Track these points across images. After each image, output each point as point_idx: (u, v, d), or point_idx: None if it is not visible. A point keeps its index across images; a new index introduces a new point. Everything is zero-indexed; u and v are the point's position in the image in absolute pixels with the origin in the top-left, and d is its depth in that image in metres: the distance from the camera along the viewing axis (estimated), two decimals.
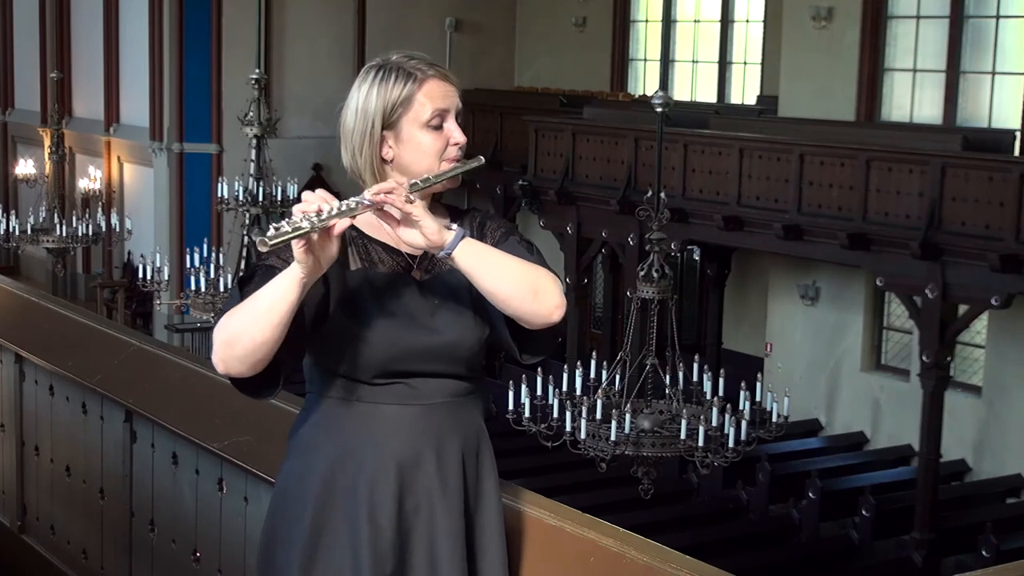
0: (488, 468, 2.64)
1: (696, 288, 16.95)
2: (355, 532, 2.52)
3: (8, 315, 5.30)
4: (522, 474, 11.70)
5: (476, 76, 20.02)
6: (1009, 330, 12.87)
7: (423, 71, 2.55)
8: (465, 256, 2.41)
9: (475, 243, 2.45)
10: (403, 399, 2.53)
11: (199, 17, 18.26)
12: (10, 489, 5.09)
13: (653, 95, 9.43)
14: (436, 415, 2.55)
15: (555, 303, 2.46)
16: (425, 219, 2.38)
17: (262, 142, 12.29)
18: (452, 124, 2.58)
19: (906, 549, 11.56)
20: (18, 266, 22.40)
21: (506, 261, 2.46)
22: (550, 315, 2.46)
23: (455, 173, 2.55)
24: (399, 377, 2.52)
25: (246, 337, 2.37)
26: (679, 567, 2.58)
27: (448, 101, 2.57)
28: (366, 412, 2.53)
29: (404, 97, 2.52)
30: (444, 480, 2.55)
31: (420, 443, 2.54)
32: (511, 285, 2.43)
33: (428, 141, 2.55)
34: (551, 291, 2.46)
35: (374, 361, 2.51)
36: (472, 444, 2.61)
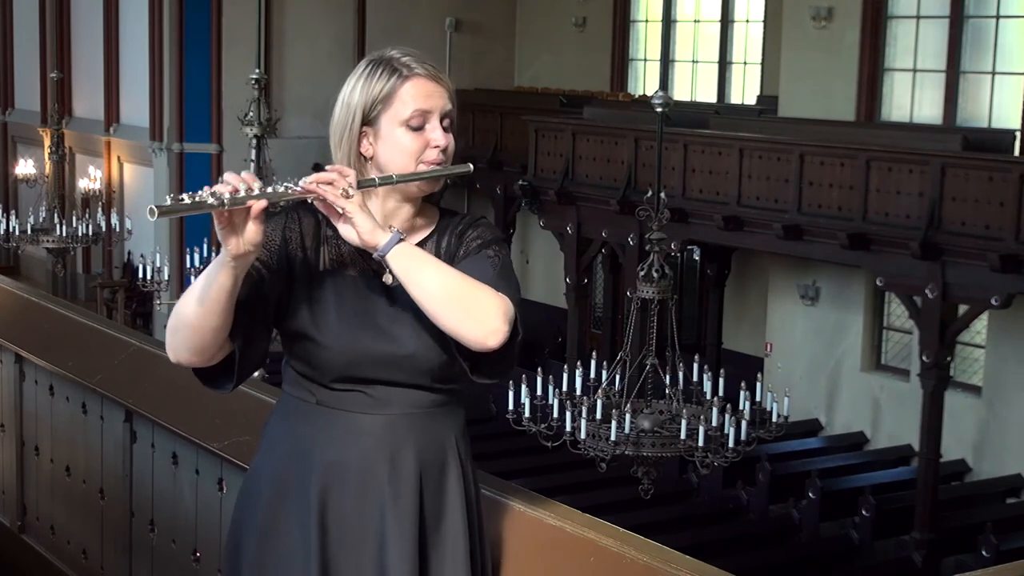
0: (454, 485, 2.52)
1: (696, 288, 16.95)
2: (304, 536, 2.48)
3: (8, 315, 5.29)
4: (522, 474, 11.70)
5: (476, 76, 20.04)
6: (1009, 330, 12.87)
7: (410, 68, 2.46)
8: (398, 261, 2.32)
9: (413, 250, 2.35)
10: (362, 407, 2.46)
11: (199, 17, 18.27)
12: (10, 489, 5.09)
13: (653, 95, 9.43)
14: (395, 426, 2.47)
15: (490, 328, 2.31)
16: (359, 216, 2.31)
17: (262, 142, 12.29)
18: (435, 126, 2.47)
19: (906, 549, 11.56)
20: (18, 266, 22.40)
21: (443, 274, 2.35)
22: (484, 340, 2.32)
23: (421, 177, 2.45)
24: (358, 384, 2.45)
25: (184, 323, 2.35)
26: (679, 567, 2.58)
27: (431, 102, 2.46)
28: (324, 416, 2.49)
29: (386, 93, 2.44)
30: (396, 493, 2.46)
31: (374, 453, 2.46)
32: (442, 300, 2.32)
33: (405, 141, 2.45)
34: (489, 315, 2.32)
35: (332, 365, 2.45)
36: (434, 458, 2.50)
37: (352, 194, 2.30)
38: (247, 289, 2.37)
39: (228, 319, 2.35)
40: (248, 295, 2.38)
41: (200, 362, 2.42)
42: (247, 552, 2.57)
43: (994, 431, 13.05)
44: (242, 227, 2.24)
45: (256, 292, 2.40)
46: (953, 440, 12.75)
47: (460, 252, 2.49)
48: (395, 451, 2.47)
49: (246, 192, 2.22)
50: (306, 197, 2.32)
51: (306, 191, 2.30)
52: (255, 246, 2.27)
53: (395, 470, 2.47)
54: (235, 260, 2.27)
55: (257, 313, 2.41)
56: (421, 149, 2.46)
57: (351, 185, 2.31)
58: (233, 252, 2.25)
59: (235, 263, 2.27)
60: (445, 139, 2.48)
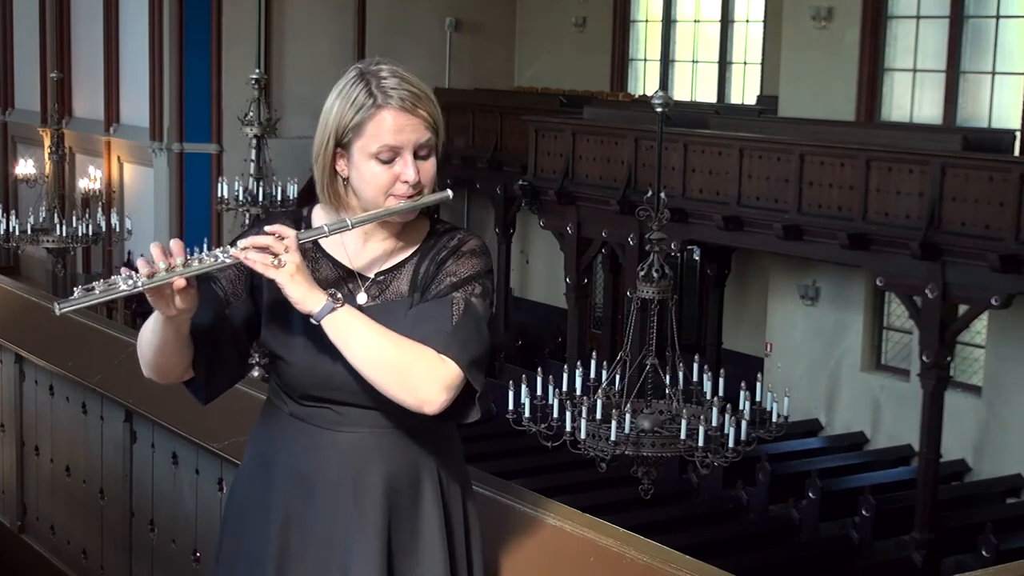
0: (429, 509, 2.47)
1: (696, 288, 16.95)
2: (263, 546, 2.48)
3: (8, 315, 5.29)
4: (522, 474, 11.70)
5: (476, 76, 20.04)
6: (1009, 330, 12.87)
7: (386, 96, 2.34)
8: (331, 329, 2.28)
9: (347, 318, 2.29)
10: (329, 423, 2.44)
11: (199, 17, 18.27)
12: (10, 489, 5.09)
13: (653, 95, 9.43)
14: (362, 444, 2.43)
15: (423, 399, 2.28)
16: (289, 288, 2.26)
17: (262, 142, 12.31)
18: (406, 160, 2.36)
19: (906, 549, 11.56)
20: (18, 266, 22.39)
21: (378, 343, 2.29)
22: (420, 408, 2.29)
23: (380, 217, 2.37)
24: (325, 402, 2.43)
25: (142, 353, 2.41)
26: (679, 567, 2.58)
27: (402, 138, 2.35)
28: (295, 427, 2.48)
29: (356, 123, 2.35)
30: (362, 511, 2.43)
31: (340, 470, 2.43)
32: (375, 370, 2.29)
33: (372, 174, 2.36)
34: (423, 387, 2.28)
35: (298, 384, 2.45)
36: (405, 480, 2.45)
37: (284, 262, 2.24)
38: (210, 313, 2.38)
39: (182, 356, 2.38)
40: (211, 320, 2.39)
41: (168, 383, 2.46)
42: (223, 549, 2.60)
43: (994, 431, 13.05)
44: (171, 298, 2.24)
45: (219, 317, 2.41)
46: (953, 440, 12.75)
47: (432, 288, 2.40)
48: (360, 469, 2.43)
49: (166, 269, 2.21)
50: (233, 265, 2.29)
51: (235, 258, 2.26)
52: (189, 311, 2.27)
53: (360, 488, 2.43)
54: (173, 321, 2.29)
55: (219, 341, 2.42)
56: (390, 183, 2.37)
57: (287, 249, 2.25)
58: (165, 314, 2.27)
59: (176, 321, 2.29)
60: (416, 173, 2.36)
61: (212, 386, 2.48)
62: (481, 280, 2.42)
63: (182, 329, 2.33)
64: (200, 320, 2.37)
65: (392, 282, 2.44)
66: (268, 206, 12.31)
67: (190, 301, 2.26)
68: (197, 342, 2.39)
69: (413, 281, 2.43)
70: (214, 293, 2.41)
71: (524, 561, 2.78)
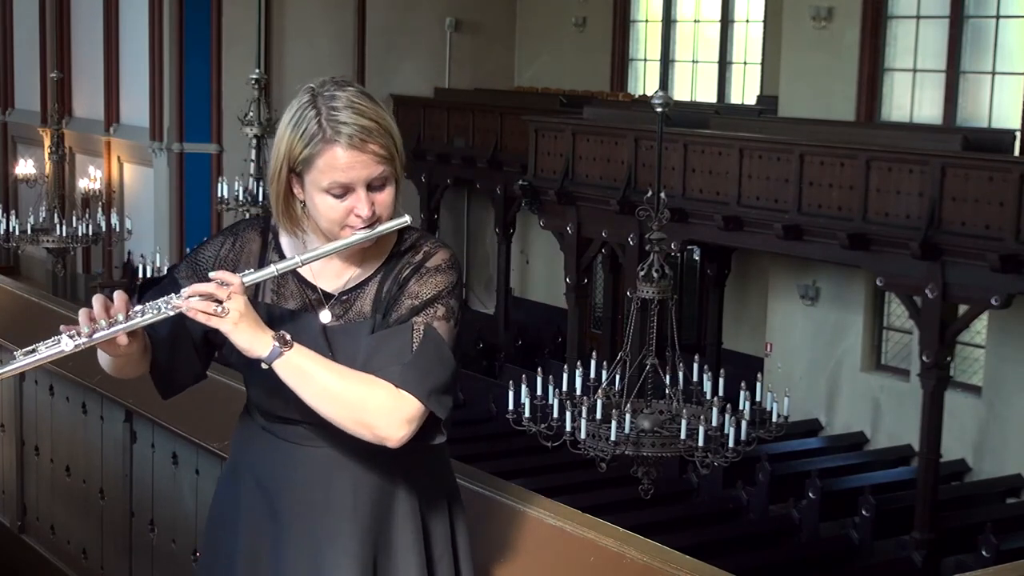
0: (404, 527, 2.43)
1: (696, 288, 16.95)
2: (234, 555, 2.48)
3: (8, 315, 5.30)
4: (522, 474, 11.70)
5: (476, 76, 20.03)
6: (1009, 330, 12.87)
7: (336, 131, 2.26)
8: (283, 374, 2.25)
9: (297, 359, 2.25)
10: (299, 439, 2.42)
11: (199, 17, 18.26)
12: (10, 489, 5.09)
13: (653, 95, 9.43)
14: (331, 461, 2.40)
15: (384, 435, 2.25)
16: (235, 335, 2.22)
17: (262, 142, 12.30)
18: (359, 195, 2.29)
19: (906, 549, 11.56)
20: (18, 266, 22.38)
21: (327, 383, 2.25)
22: (380, 443, 2.27)
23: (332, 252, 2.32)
24: (290, 422, 2.41)
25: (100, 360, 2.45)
26: (679, 567, 2.58)
27: (351, 175, 2.27)
28: (267, 441, 2.46)
29: (305, 157, 2.29)
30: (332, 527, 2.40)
31: (310, 485, 2.41)
32: (328, 408, 2.26)
33: (326, 207, 2.31)
34: (381, 423, 2.25)
35: (261, 403, 2.45)
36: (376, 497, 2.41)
37: (227, 309, 2.21)
38: (168, 327, 2.37)
39: (137, 368, 2.44)
40: (168, 332, 2.40)
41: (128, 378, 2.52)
42: (203, 552, 2.64)
43: (994, 431, 13.05)
44: (116, 347, 2.29)
45: (177, 329, 2.40)
46: (953, 440, 12.75)
47: (393, 311, 2.35)
48: (330, 484, 2.40)
49: (106, 324, 2.23)
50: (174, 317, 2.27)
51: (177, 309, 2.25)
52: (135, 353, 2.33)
53: (329, 504, 2.40)
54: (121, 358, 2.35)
55: (176, 351, 2.44)
56: (344, 216, 2.31)
57: (232, 294, 2.22)
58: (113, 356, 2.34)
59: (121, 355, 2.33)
60: (369, 207, 2.29)
61: (169, 387, 2.51)
62: (444, 300, 2.35)
63: (133, 356, 2.37)
64: (157, 330, 2.38)
65: (356, 301, 2.40)
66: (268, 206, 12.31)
67: (136, 345, 2.31)
68: (155, 349, 2.42)
69: (376, 300, 2.39)
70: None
71: (524, 561, 2.78)
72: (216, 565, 2.54)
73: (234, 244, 2.49)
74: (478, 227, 19.76)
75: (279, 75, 18.05)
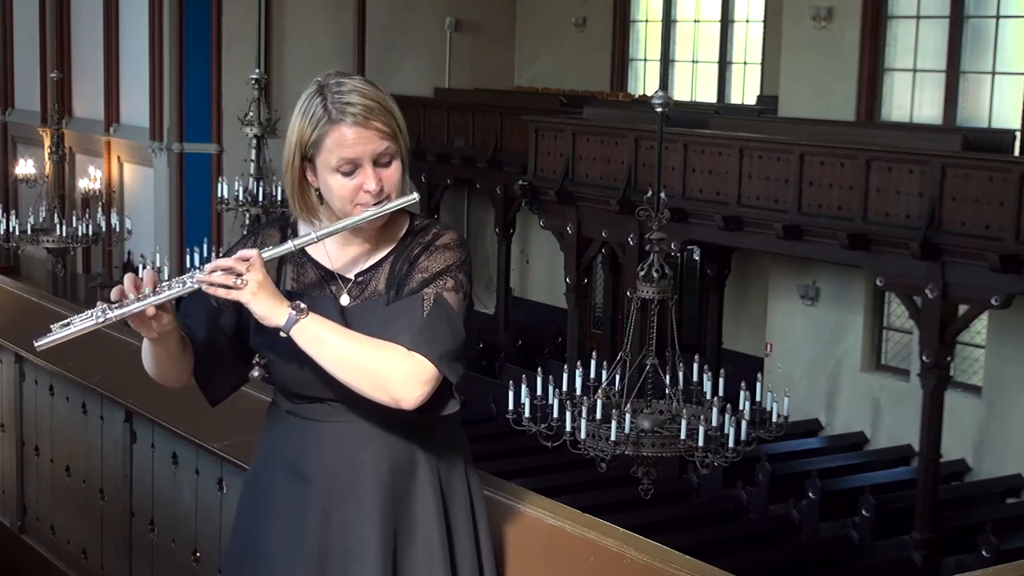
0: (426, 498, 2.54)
1: (696, 288, 16.95)
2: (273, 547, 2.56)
3: (8, 315, 5.29)
4: (522, 474, 11.70)
5: (476, 76, 20.03)
6: (1009, 330, 12.87)
7: (341, 112, 2.44)
8: (301, 341, 2.39)
9: (313, 327, 2.38)
10: (324, 416, 2.53)
11: (199, 17, 18.26)
12: (10, 489, 5.09)
13: (653, 95, 9.42)
14: (356, 433, 2.51)
15: (397, 396, 2.38)
16: (254, 305, 2.37)
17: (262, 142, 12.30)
18: (367, 171, 2.45)
19: (906, 549, 11.56)
20: (18, 266, 22.38)
21: (344, 348, 2.39)
22: (396, 405, 2.39)
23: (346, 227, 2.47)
24: (315, 400, 2.53)
25: (145, 365, 2.58)
26: (679, 567, 2.58)
27: (358, 150, 2.44)
28: (293, 424, 2.58)
29: (314, 140, 2.46)
30: (359, 498, 2.50)
31: (337, 459, 2.52)
32: (344, 373, 2.39)
33: (337, 185, 2.47)
34: (396, 384, 2.37)
35: (286, 383, 2.56)
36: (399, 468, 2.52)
37: (246, 281, 2.35)
38: (204, 323, 2.56)
39: (181, 367, 2.56)
40: (206, 330, 2.57)
41: (176, 388, 2.64)
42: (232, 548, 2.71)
43: (994, 431, 13.05)
44: (148, 323, 2.41)
45: (213, 326, 2.58)
46: (953, 440, 12.75)
47: (405, 285, 2.49)
48: (355, 459, 2.52)
49: (135, 299, 2.36)
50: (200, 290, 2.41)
51: (200, 283, 2.39)
52: (170, 333, 2.45)
53: (355, 476, 2.51)
54: (155, 343, 2.47)
55: (214, 348, 2.58)
56: (354, 193, 2.47)
57: (251, 267, 2.36)
58: (147, 337, 2.46)
59: (158, 342, 2.47)
60: (377, 182, 2.46)
61: (213, 392, 2.64)
62: (453, 274, 2.49)
63: (172, 347, 2.49)
64: (196, 331, 2.55)
65: (371, 282, 2.54)
66: (268, 206, 12.31)
67: (167, 324, 2.42)
68: (196, 352, 2.56)
69: (389, 278, 2.52)
70: (208, 304, 2.54)
71: (524, 561, 2.78)
72: (249, 552, 2.62)
73: (255, 241, 2.62)
74: (478, 227, 19.75)
75: (279, 75, 18.05)
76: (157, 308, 2.38)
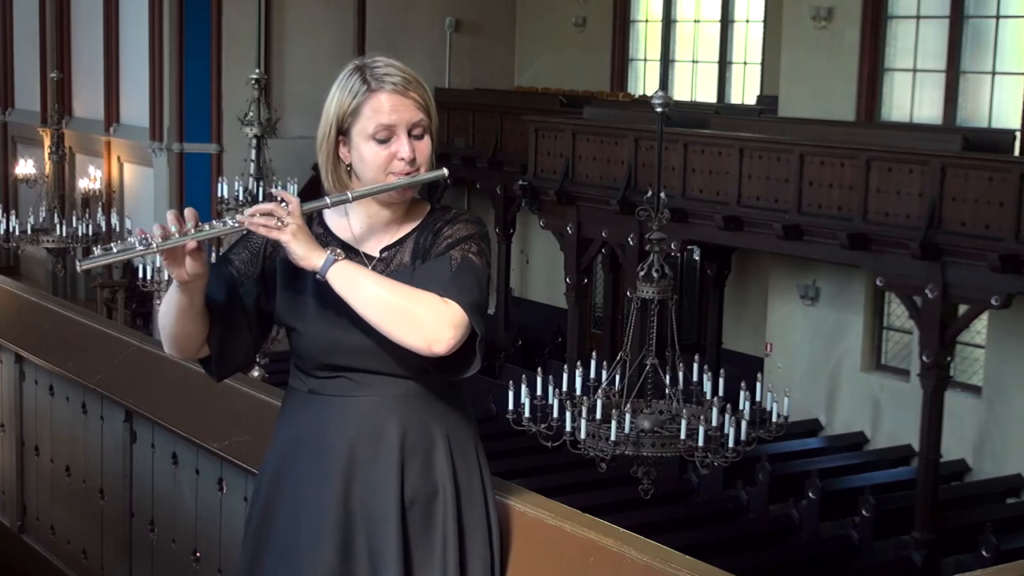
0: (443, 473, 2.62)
1: (696, 288, 16.95)
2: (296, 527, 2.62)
3: (8, 315, 5.29)
4: (522, 474, 11.70)
5: (476, 76, 20.03)
6: (1009, 330, 12.86)
7: (380, 81, 2.56)
8: (336, 281, 2.46)
9: (349, 269, 2.47)
10: (346, 391, 2.60)
11: (199, 17, 18.26)
12: (10, 489, 5.09)
13: (653, 95, 9.42)
14: (377, 407, 2.59)
15: (431, 337, 2.43)
16: (292, 245, 2.44)
17: (262, 142, 12.29)
18: (402, 139, 2.56)
19: (906, 549, 11.55)
20: (18, 266, 22.39)
21: (380, 289, 2.47)
22: (428, 348, 2.44)
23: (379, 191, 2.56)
24: (340, 371, 2.60)
25: (162, 328, 2.61)
26: (679, 567, 2.58)
27: (395, 116, 2.55)
28: (315, 402, 2.64)
29: (353, 108, 2.56)
30: (380, 471, 2.58)
31: (359, 433, 2.59)
32: (380, 314, 2.45)
33: (370, 154, 2.56)
34: (430, 325, 2.43)
35: (311, 353, 2.62)
36: (418, 442, 2.61)
37: (287, 223, 2.43)
38: (224, 292, 2.60)
39: (197, 327, 2.58)
40: (225, 298, 2.60)
41: (186, 358, 2.66)
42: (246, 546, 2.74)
43: (994, 431, 13.04)
44: (183, 261, 2.45)
45: (232, 295, 2.62)
46: (953, 440, 12.75)
47: (431, 252, 2.59)
48: (377, 431, 2.59)
49: (179, 232, 2.42)
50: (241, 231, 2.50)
51: (242, 224, 2.47)
52: (199, 276, 2.48)
53: (377, 449, 2.59)
54: (184, 286, 2.48)
55: (232, 317, 2.62)
56: (388, 161, 2.56)
57: (290, 213, 2.44)
58: (179, 280, 2.47)
59: (185, 287, 2.50)
60: (411, 151, 2.56)
61: (224, 361, 2.65)
62: (477, 241, 2.59)
63: (196, 299, 2.52)
64: (215, 296, 2.59)
65: (396, 256, 2.63)
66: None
67: (201, 266, 2.47)
68: (212, 317, 2.59)
69: (414, 252, 2.62)
70: (229, 274, 2.63)
71: (524, 561, 2.78)
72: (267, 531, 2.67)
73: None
74: None
75: (279, 75, 18.06)
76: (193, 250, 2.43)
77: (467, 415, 2.72)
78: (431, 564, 2.60)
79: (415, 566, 2.59)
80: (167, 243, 2.41)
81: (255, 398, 3.70)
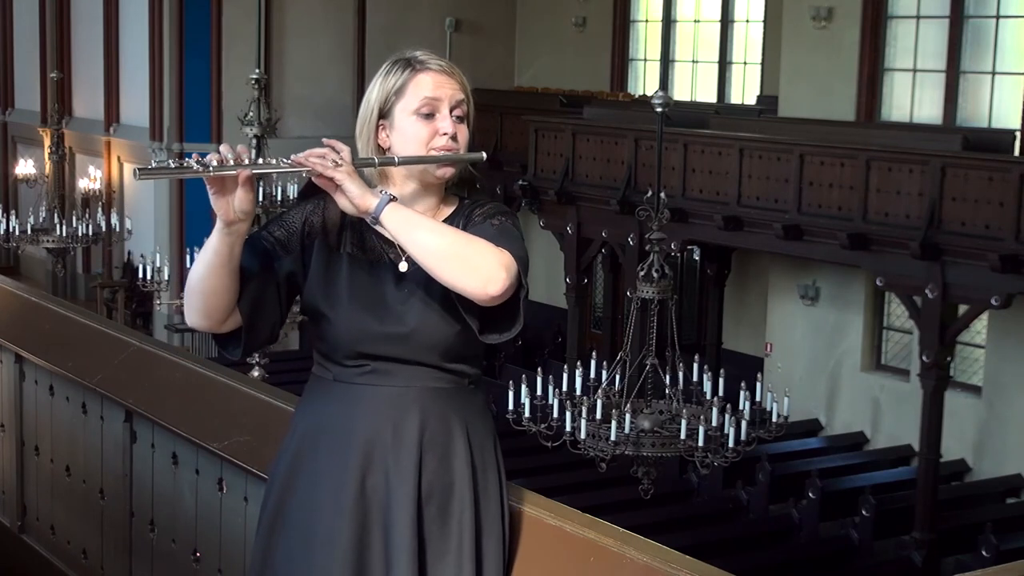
0: (461, 467, 2.63)
1: (696, 288, 16.95)
2: (312, 513, 2.63)
3: (8, 315, 5.29)
4: (522, 474, 11.69)
5: (476, 76, 19.89)
6: (1009, 330, 12.87)
7: (424, 63, 2.62)
8: (391, 221, 2.45)
9: (404, 210, 2.47)
10: (371, 380, 2.61)
11: (199, 17, 18.26)
12: (10, 489, 5.09)
13: (653, 95, 9.42)
14: (400, 397, 2.60)
15: (487, 276, 2.42)
16: (348, 183, 2.43)
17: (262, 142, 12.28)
18: (444, 115, 2.61)
19: (906, 549, 11.56)
20: (18, 266, 22.39)
21: (435, 230, 2.48)
22: (484, 288, 2.43)
23: (425, 160, 2.58)
24: (367, 359, 2.60)
25: (192, 287, 2.55)
26: (679, 567, 2.58)
27: (440, 92, 2.61)
28: (340, 390, 2.64)
29: (399, 85, 2.60)
30: (398, 460, 2.59)
31: (381, 421, 2.60)
32: (437, 254, 2.44)
33: (414, 129, 2.59)
34: (485, 264, 2.43)
35: (341, 340, 2.61)
36: (438, 435, 2.62)
37: (342, 163, 2.43)
38: (257, 261, 2.58)
39: (230, 284, 2.53)
40: (258, 267, 2.58)
41: (211, 327, 2.59)
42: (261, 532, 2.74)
43: (994, 431, 13.05)
44: (232, 193, 2.43)
45: (266, 265, 2.60)
46: (953, 440, 12.75)
47: (470, 228, 2.59)
48: (398, 420, 2.60)
49: (235, 162, 2.41)
50: (296, 170, 2.47)
51: (296, 163, 2.45)
52: (245, 214, 2.45)
53: (397, 438, 2.60)
54: (228, 227, 2.46)
55: (264, 286, 2.60)
56: (430, 136, 2.59)
57: (343, 158, 2.44)
58: (224, 218, 2.44)
59: (228, 230, 2.46)
60: (454, 127, 2.60)
61: (252, 334, 2.62)
62: (512, 218, 2.64)
63: (236, 246, 2.49)
64: (248, 265, 2.56)
65: None
66: (268, 206, 12.30)
67: (248, 203, 2.44)
68: (243, 283, 2.56)
69: None
70: (263, 245, 2.61)
71: (524, 561, 2.78)
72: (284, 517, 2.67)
73: (317, 207, 2.67)
74: None
75: (279, 75, 18.05)
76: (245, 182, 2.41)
77: (486, 413, 2.74)
78: (445, 562, 2.60)
79: (429, 561, 2.60)
80: (223, 169, 2.39)
81: (255, 398, 3.70)
